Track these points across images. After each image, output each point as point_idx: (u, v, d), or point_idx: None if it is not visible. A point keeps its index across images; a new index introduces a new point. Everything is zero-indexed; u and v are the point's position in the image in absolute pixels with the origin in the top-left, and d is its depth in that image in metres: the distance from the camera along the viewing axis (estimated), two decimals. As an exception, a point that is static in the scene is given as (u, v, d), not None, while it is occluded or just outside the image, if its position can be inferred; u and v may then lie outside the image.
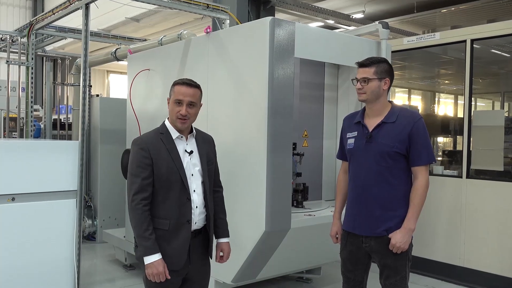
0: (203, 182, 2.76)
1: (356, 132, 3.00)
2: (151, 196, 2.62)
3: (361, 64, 2.95)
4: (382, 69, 2.92)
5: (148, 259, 2.55)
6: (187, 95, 2.67)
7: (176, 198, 2.64)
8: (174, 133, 2.72)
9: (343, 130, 3.16)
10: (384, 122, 2.91)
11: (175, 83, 2.73)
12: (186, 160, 2.71)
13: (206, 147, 2.85)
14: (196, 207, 2.71)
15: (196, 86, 2.73)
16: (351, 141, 3.02)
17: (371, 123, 2.95)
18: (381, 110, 2.94)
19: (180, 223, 2.64)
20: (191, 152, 2.75)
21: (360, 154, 2.96)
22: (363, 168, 2.94)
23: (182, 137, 2.73)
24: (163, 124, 2.76)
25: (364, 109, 3.05)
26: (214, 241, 2.92)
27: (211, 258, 2.90)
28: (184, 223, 2.65)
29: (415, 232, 2.89)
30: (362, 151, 2.94)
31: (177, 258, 2.64)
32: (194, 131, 2.81)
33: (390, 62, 4.54)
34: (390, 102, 3.01)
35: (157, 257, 2.55)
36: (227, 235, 2.96)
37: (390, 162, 2.86)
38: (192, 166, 2.73)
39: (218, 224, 2.91)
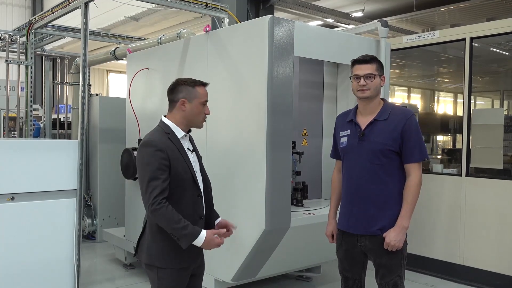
0: (203, 178, 2.81)
1: (349, 131, 3.00)
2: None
3: (363, 61, 2.91)
4: (380, 66, 2.94)
5: (199, 241, 2.53)
6: (207, 96, 2.75)
7: (190, 196, 2.66)
8: (179, 133, 2.71)
9: (336, 129, 3.15)
10: (376, 120, 2.90)
11: (195, 85, 2.71)
12: (191, 157, 2.74)
13: (196, 146, 2.90)
14: (203, 202, 2.75)
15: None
16: (344, 139, 3.01)
17: (364, 121, 2.94)
18: (374, 108, 2.94)
19: (194, 220, 2.65)
20: (193, 150, 2.79)
21: (353, 152, 2.95)
22: (356, 166, 2.93)
23: (186, 135, 2.75)
24: (165, 124, 2.72)
25: (356, 107, 3.04)
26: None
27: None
28: (198, 220, 2.68)
29: (414, 230, 2.90)
30: (355, 149, 2.93)
31: (194, 255, 2.66)
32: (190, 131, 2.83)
33: (389, 60, 4.58)
34: (382, 99, 3.00)
35: (203, 234, 2.54)
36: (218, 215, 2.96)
37: (384, 160, 2.85)
38: (195, 164, 2.76)
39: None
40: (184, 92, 2.69)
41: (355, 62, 2.95)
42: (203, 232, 2.54)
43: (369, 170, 2.87)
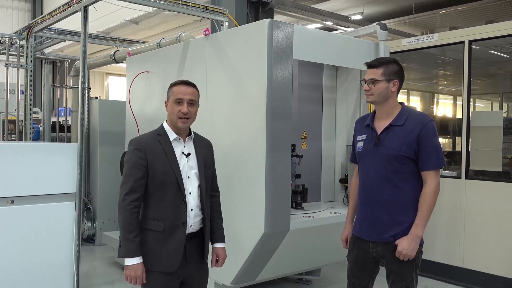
0: (199, 185, 2.75)
1: (365, 135, 2.94)
2: (142, 197, 2.62)
3: (369, 65, 2.88)
4: (391, 70, 2.86)
5: (129, 261, 2.55)
6: (187, 94, 2.70)
7: (171, 200, 2.63)
8: (172, 135, 2.71)
9: (355, 133, 3.09)
10: (392, 125, 2.83)
11: (173, 85, 2.76)
12: (182, 162, 2.70)
13: (204, 152, 2.84)
14: (191, 209, 2.70)
15: (194, 86, 2.78)
16: (360, 144, 2.96)
17: (380, 125, 2.88)
18: (390, 112, 2.87)
19: (174, 225, 2.63)
20: (188, 154, 2.74)
21: (368, 157, 2.89)
22: (370, 172, 2.88)
23: (179, 139, 2.73)
24: (161, 126, 2.77)
25: (374, 112, 2.98)
26: (210, 246, 2.91)
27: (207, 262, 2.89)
28: (179, 225, 2.64)
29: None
30: (370, 154, 2.88)
31: (171, 260, 2.62)
32: (192, 134, 2.81)
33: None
34: (401, 103, 2.93)
35: (137, 260, 2.56)
36: (223, 240, 2.95)
37: (398, 166, 2.78)
38: (188, 169, 2.72)
39: (214, 228, 2.91)
40: (167, 94, 2.78)
41: (367, 65, 2.93)
42: (136, 260, 2.55)
43: (383, 175, 2.81)
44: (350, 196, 3.19)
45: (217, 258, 2.93)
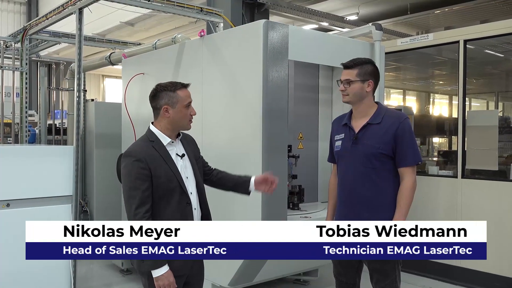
0: (197, 183, 2.77)
1: (343, 134, 3.01)
2: (151, 207, 2.57)
3: (345, 66, 2.96)
4: (365, 71, 2.92)
5: (158, 272, 2.51)
6: (191, 96, 2.72)
7: (177, 204, 2.62)
8: (165, 139, 2.67)
9: (332, 133, 3.17)
10: (369, 123, 2.91)
11: (176, 89, 2.66)
12: (179, 164, 2.70)
13: (191, 147, 2.85)
14: (195, 209, 2.72)
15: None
16: (338, 143, 3.03)
17: (357, 124, 2.96)
18: (366, 112, 2.94)
19: None
20: (183, 155, 2.74)
21: (347, 156, 2.96)
22: (349, 170, 2.94)
23: (173, 142, 2.71)
24: (150, 131, 2.70)
25: (351, 111, 3.06)
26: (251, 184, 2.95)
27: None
28: None
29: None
30: (349, 153, 2.95)
31: (183, 264, 2.63)
32: (181, 134, 2.79)
33: (384, 63, 4.59)
34: (377, 103, 3.01)
35: (166, 268, 2.52)
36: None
37: (376, 163, 2.85)
38: (185, 169, 2.72)
39: (236, 177, 2.98)
40: (166, 98, 2.64)
41: (343, 66, 3.00)
42: (165, 268, 2.51)
43: (362, 173, 2.88)
44: (329, 195, 3.25)
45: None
